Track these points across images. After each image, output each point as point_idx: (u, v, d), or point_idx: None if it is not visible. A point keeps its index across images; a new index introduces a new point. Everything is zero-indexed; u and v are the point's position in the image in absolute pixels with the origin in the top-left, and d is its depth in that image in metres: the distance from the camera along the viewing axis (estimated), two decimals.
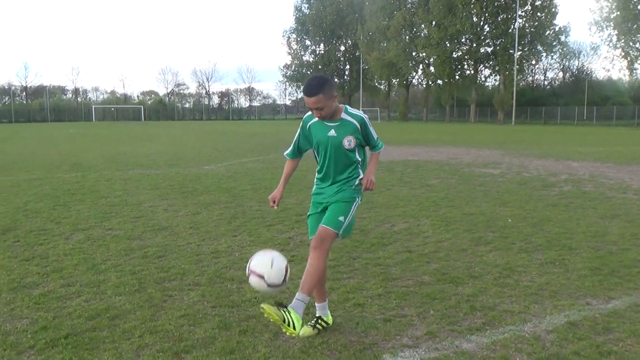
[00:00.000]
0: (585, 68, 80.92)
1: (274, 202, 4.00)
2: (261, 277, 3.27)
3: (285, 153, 4.04)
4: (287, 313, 3.12)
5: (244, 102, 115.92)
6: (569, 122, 62.25)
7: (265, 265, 3.30)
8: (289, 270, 3.37)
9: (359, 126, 3.60)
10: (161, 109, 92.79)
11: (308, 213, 3.85)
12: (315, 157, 3.83)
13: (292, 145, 3.95)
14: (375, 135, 3.70)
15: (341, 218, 3.53)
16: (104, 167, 13.99)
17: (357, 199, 3.65)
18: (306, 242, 6.07)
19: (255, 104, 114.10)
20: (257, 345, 3.47)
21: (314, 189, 3.85)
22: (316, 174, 3.85)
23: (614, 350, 3.38)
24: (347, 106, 3.68)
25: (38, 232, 6.60)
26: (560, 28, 64.80)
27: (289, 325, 3.09)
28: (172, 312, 4.03)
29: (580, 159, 16.50)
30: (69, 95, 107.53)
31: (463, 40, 68.95)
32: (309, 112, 3.68)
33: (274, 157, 17.11)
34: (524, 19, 64.65)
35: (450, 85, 71.15)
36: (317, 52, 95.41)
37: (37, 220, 7.32)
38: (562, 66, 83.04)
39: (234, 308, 4.11)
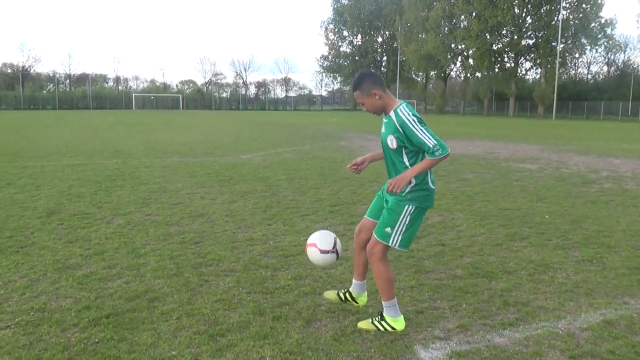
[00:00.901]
0: (631, 62, 78.31)
1: (356, 165, 3.82)
2: (313, 245, 3.81)
3: None
4: (381, 320, 3.59)
5: (280, 93, 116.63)
6: (613, 117, 60.39)
7: (315, 236, 3.89)
8: (337, 240, 3.87)
9: (398, 126, 3.40)
10: (199, 98, 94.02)
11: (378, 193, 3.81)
12: None
13: None
14: (428, 141, 3.28)
15: (388, 229, 3.48)
16: (144, 155, 14.33)
17: (408, 207, 3.45)
18: (339, 233, 6.12)
19: (292, 94, 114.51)
20: (290, 332, 3.54)
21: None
22: None
23: None
24: (403, 104, 3.48)
25: (81, 215, 6.84)
26: (606, 20, 62.67)
27: (391, 329, 3.56)
28: (208, 296, 4.14)
29: (622, 156, 16.03)
30: (111, 83, 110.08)
31: (504, 32, 67.46)
32: None
33: (309, 148, 17.19)
34: (568, 11, 62.78)
35: (489, 78, 69.83)
36: (355, 43, 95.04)
37: (80, 204, 7.57)
38: (607, 60, 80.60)
39: (268, 294, 4.20)
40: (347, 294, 3.90)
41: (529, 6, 63.90)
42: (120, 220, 6.61)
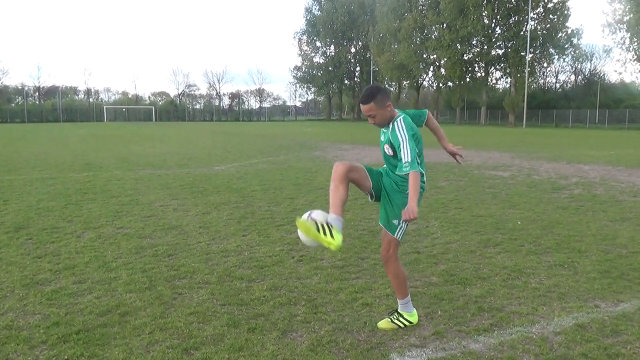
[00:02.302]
0: (597, 71, 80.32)
1: None
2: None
3: None
4: (399, 317, 3.80)
5: (254, 104, 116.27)
6: (581, 125, 61.79)
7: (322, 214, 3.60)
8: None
9: (391, 138, 3.62)
10: (172, 110, 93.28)
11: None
12: None
13: None
14: (404, 156, 3.46)
15: (395, 222, 3.71)
16: (116, 167, 14.11)
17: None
18: None
19: (266, 105, 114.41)
20: (265, 343, 3.50)
21: None
22: None
23: (622, 352, 3.38)
24: (403, 116, 3.67)
25: (50, 230, 6.69)
26: (572, 30, 64.33)
27: (408, 324, 3.78)
28: (181, 309, 4.07)
29: (591, 162, 16.39)
30: (81, 95, 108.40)
31: (474, 42, 68.64)
32: None
33: (283, 158, 17.17)
34: (536, 21, 64.25)
35: (460, 87, 70.86)
36: (328, 53, 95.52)
37: (50, 218, 7.40)
38: (574, 69, 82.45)
39: (243, 306, 4.15)
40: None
41: (498, 17, 65.17)
42: (91, 234, 6.48)
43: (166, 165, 14.60)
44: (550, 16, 63.58)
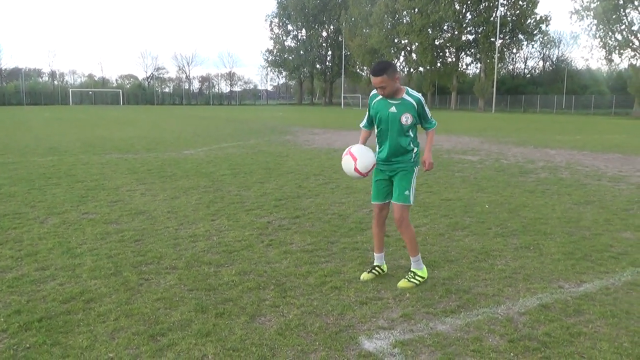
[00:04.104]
0: (565, 57, 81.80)
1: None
2: (354, 160, 4.20)
3: (361, 124, 4.56)
4: (414, 276, 4.32)
5: (224, 87, 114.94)
6: (548, 110, 62.96)
7: (358, 151, 4.24)
8: (375, 166, 4.29)
9: (416, 105, 4.22)
10: (140, 93, 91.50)
11: (374, 178, 4.47)
12: (375, 130, 4.45)
13: (365, 118, 4.52)
14: (429, 115, 4.33)
15: (407, 192, 4.28)
16: (81, 151, 13.79)
17: (415, 169, 4.34)
18: (284, 227, 6.09)
19: (237, 89, 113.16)
20: (233, 328, 3.47)
21: (376, 156, 4.40)
22: (377, 146, 4.45)
23: (584, 331, 3.46)
24: (408, 88, 4.32)
25: (12, 216, 6.49)
26: (541, 17, 65.25)
27: (421, 279, 4.33)
28: (148, 295, 4.01)
29: (557, 147, 16.72)
30: (45, 78, 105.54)
31: (445, 27, 69.04)
32: (374, 91, 4.34)
33: (254, 143, 17.03)
34: (506, 7, 64.95)
35: (431, 72, 71.35)
36: (300, 37, 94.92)
37: (11, 204, 7.19)
38: (542, 55, 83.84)
39: (211, 291, 4.11)
40: (376, 269, 4.52)
41: (469, 2, 65.60)
42: (54, 220, 6.32)
43: (134, 150, 14.33)
44: (520, 2, 64.33)
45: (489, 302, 3.96)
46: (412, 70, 75.13)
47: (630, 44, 53.56)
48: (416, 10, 67.57)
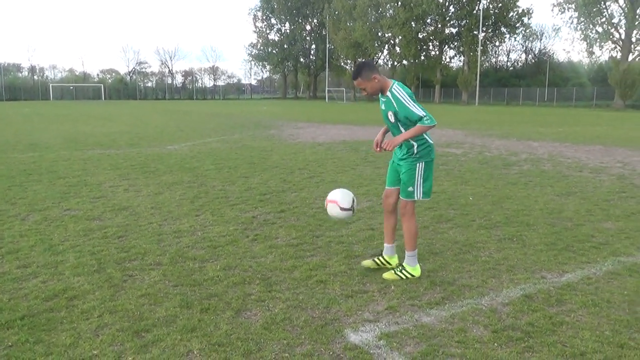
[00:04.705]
0: (547, 50, 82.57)
1: (377, 144, 4.42)
2: (335, 202, 4.39)
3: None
4: (403, 270, 4.30)
5: (208, 82, 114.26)
6: (531, 102, 63.52)
7: (336, 194, 4.46)
8: (355, 200, 4.47)
9: (394, 103, 4.11)
10: (122, 88, 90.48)
11: (391, 160, 4.49)
12: None
13: None
14: (417, 112, 4.02)
15: (410, 189, 4.24)
16: (62, 147, 13.61)
17: (418, 164, 4.21)
18: (269, 221, 6.09)
19: (220, 83, 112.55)
20: (218, 323, 3.46)
21: None
22: None
23: (566, 320, 3.51)
24: (396, 83, 4.19)
25: None
26: (523, 10, 65.70)
27: (410, 276, 4.26)
28: (132, 291, 3.98)
29: (540, 139, 16.89)
30: (25, 73, 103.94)
31: (428, 20, 69.23)
32: None
33: (238, 137, 16.96)
34: (488, 0, 65.22)
35: (415, 65, 71.54)
36: (283, 31, 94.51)
37: None
38: (524, 48, 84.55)
39: (196, 287, 4.09)
40: (380, 258, 4.54)
41: None
42: (36, 217, 6.23)
43: (116, 145, 14.19)
44: None
45: (473, 293, 3.99)
46: (396, 63, 75.26)
47: (611, 37, 54.23)
48: (399, 3, 67.63)
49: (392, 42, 74.18)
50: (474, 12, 64.22)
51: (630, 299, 3.89)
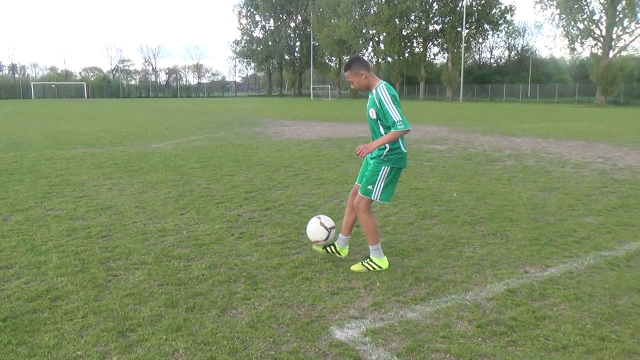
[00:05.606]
0: (529, 46, 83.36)
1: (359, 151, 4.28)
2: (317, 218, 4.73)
3: None
4: (369, 262, 4.39)
5: (192, 79, 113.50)
6: (514, 99, 64.06)
7: (313, 232, 4.65)
8: (332, 233, 4.60)
9: (376, 101, 4.19)
10: (105, 86, 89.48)
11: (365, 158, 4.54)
12: None
13: None
14: (393, 116, 4.09)
15: (369, 187, 4.31)
16: (44, 146, 13.45)
17: (384, 167, 4.26)
18: (254, 219, 6.08)
19: (204, 81, 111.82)
20: (204, 322, 3.45)
21: None
22: None
23: (549, 314, 3.56)
24: (383, 83, 4.25)
25: None
26: (506, 7, 66.20)
27: (378, 268, 4.36)
28: (116, 291, 3.95)
29: (523, 135, 17.05)
30: (5, 71, 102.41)
31: (412, 17, 69.48)
32: None
33: (223, 135, 16.88)
34: None
35: (399, 62, 71.78)
36: (267, 28, 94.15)
37: None
38: (507, 44, 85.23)
39: (181, 286, 4.07)
40: (332, 247, 4.66)
41: None
42: (18, 217, 6.16)
43: (99, 144, 14.05)
44: None
45: (457, 288, 4.03)
46: (380, 60, 75.41)
47: (592, 33, 54.83)
48: (383, 0, 67.75)
49: (377, 39, 74.37)
50: (458, 9, 64.57)
51: (612, 292, 3.95)
